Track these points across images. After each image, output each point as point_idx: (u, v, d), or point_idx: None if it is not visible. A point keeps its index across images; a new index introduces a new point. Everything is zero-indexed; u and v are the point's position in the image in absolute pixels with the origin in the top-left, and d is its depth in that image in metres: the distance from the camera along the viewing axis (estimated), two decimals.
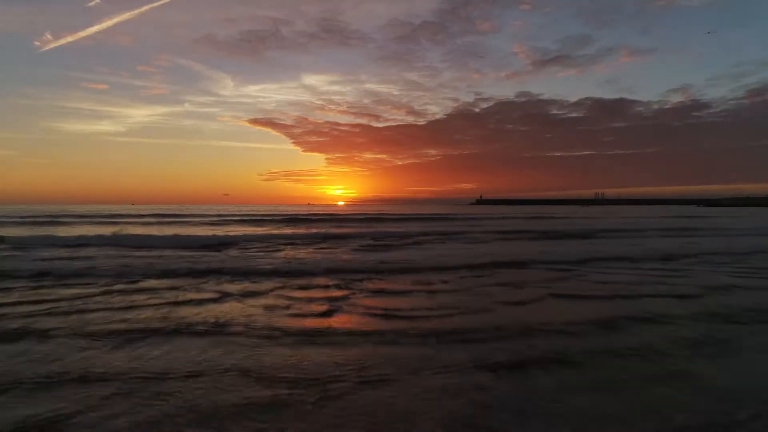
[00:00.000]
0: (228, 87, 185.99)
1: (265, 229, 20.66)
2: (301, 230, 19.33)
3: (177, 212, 40.44)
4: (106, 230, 19.06)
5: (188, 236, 13.89)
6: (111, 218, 29.72)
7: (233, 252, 11.06)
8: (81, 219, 28.46)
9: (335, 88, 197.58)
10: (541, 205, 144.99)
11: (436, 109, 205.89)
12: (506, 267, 8.32)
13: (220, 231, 19.45)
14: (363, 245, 12.64)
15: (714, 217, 32.74)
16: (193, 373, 3.08)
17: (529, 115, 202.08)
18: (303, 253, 10.73)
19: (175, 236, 13.91)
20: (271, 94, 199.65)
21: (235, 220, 27.43)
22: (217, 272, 7.53)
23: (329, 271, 7.63)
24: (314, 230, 19.14)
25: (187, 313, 4.91)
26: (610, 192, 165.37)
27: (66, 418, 2.43)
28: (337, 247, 12.20)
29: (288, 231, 19.14)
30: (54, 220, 26.54)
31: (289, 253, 11.10)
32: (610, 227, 18.97)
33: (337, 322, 4.59)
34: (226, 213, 40.44)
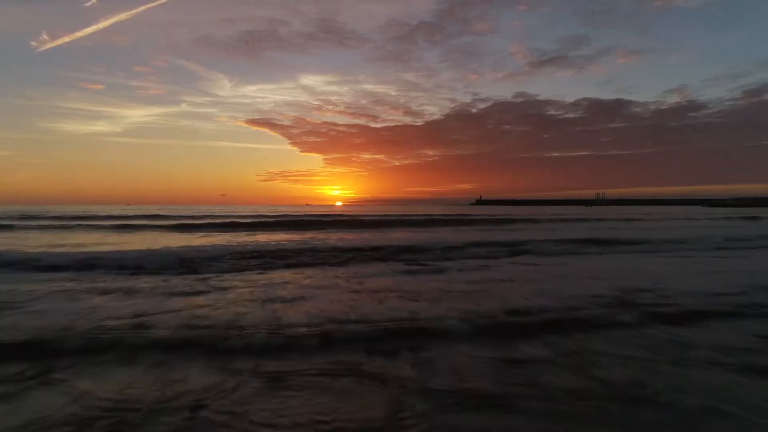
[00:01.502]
0: (225, 87, 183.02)
1: (252, 235, 17.09)
2: (296, 237, 15.77)
3: (166, 213, 36.61)
4: (50, 237, 15.48)
5: (139, 252, 10.32)
6: (84, 220, 26.04)
7: (186, 280, 7.50)
8: (48, 221, 24.78)
9: (332, 88, 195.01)
10: (542, 205, 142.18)
11: (434, 109, 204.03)
12: (672, 319, 4.68)
13: (197, 238, 15.92)
14: (381, 263, 9.08)
15: (755, 218, 29.40)
16: None
17: (527, 116, 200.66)
18: (292, 283, 7.18)
19: (119, 251, 10.33)
20: (268, 94, 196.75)
21: (222, 223, 23.67)
22: (124, 339, 3.95)
23: (333, 338, 4.05)
24: (311, 236, 15.59)
25: None
26: (610, 192, 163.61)
27: None
28: (343, 267, 8.67)
29: (280, 237, 15.62)
30: (14, 223, 22.84)
31: (273, 277, 7.57)
32: (678, 234, 15.47)
33: None
34: (219, 214, 36.68)
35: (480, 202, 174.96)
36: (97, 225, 22.48)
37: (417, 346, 3.66)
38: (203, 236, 16.56)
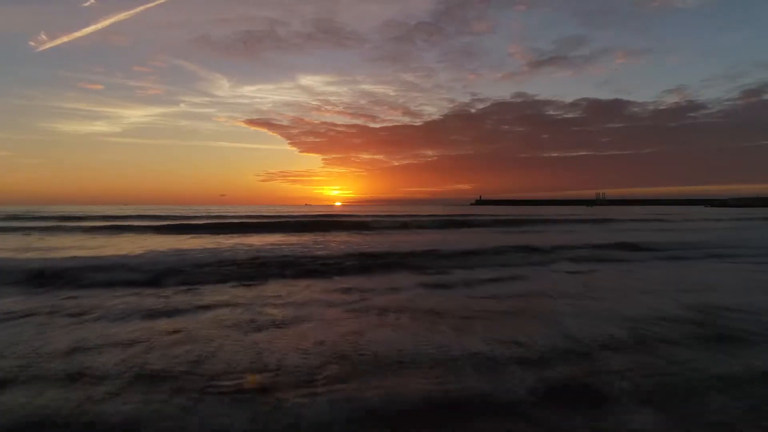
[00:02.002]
0: (224, 87, 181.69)
1: (247, 237, 15.86)
2: (294, 239, 14.54)
3: (162, 213, 35.25)
4: (27, 241, 14.23)
5: (118, 257, 9.11)
6: (75, 221, 24.73)
7: (161, 295, 6.28)
8: (36, 223, 23.49)
9: (331, 88, 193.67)
10: (542, 205, 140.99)
11: (433, 109, 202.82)
12: None
13: (187, 240, 14.69)
14: (391, 272, 7.79)
15: None
16: None
17: (525, 116, 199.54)
18: (286, 300, 5.92)
19: (95, 257, 9.12)
20: (267, 94, 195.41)
21: (217, 224, 22.30)
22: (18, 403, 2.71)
23: (336, 409, 2.62)
24: (310, 239, 14.36)
25: None
26: (609, 192, 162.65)
27: None
28: (347, 277, 7.40)
29: (277, 240, 14.39)
30: None
31: (264, 292, 6.35)
32: (711, 237, 14.20)
33: None
34: (216, 214, 35.24)
35: (480, 202, 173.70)
36: (85, 226, 21.20)
37: (461, 420, 2.41)
38: (194, 238, 15.33)
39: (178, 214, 33.88)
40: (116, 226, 20.94)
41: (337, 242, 12.86)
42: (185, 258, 9.13)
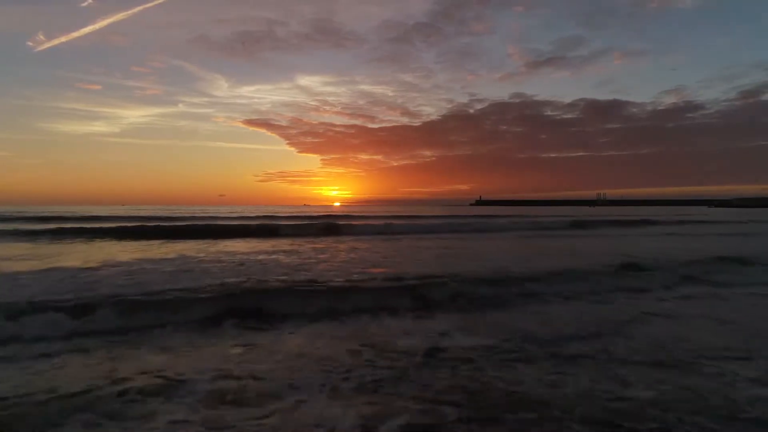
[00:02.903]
0: (222, 88, 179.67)
1: (233, 244, 13.22)
2: (287, 246, 11.94)
3: (154, 214, 32.54)
4: None
5: (63, 273, 6.52)
6: (52, 222, 21.96)
7: (45, 358, 3.65)
8: (7, 225, 20.74)
9: (330, 89, 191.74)
10: (544, 206, 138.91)
11: (431, 110, 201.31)
12: None
13: (158, 246, 12.06)
14: (428, 312, 5.11)
15: None
16: None
17: (524, 117, 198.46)
18: (245, 379, 3.28)
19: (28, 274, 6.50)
20: (265, 95, 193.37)
21: (198, 227, 19.44)
22: None
23: None
24: (307, 246, 11.77)
25: None
26: (608, 193, 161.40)
27: None
28: (360, 319, 4.77)
29: (266, 247, 11.83)
30: None
31: (213, 354, 3.75)
32: None
33: None
34: (211, 215, 32.32)
35: (480, 202, 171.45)
36: (41, 230, 18.32)
37: None
38: (166, 245, 12.67)
39: (168, 215, 31.19)
40: (83, 228, 18.14)
41: (344, 252, 10.24)
42: (139, 277, 6.61)
